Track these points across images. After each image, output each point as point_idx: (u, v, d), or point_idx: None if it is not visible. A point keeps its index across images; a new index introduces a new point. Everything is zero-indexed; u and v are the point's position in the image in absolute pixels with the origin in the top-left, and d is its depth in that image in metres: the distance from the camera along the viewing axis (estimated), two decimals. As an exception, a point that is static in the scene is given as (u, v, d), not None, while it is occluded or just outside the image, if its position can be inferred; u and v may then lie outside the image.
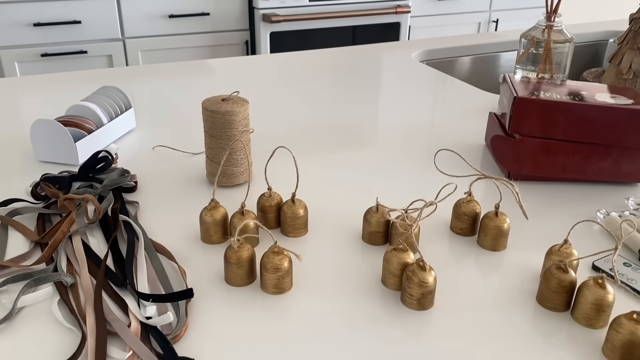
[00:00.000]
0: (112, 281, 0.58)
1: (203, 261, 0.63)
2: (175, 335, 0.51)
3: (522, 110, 0.77)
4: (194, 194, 0.77)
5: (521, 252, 0.65)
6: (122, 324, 0.52)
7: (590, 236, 0.68)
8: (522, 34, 1.07)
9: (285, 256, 0.57)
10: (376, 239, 0.66)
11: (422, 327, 0.53)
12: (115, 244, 0.63)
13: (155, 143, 0.92)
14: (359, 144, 0.93)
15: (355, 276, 0.61)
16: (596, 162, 0.78)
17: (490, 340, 0.52)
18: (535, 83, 0.85)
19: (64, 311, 0.54)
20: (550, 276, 0.55)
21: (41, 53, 2.28)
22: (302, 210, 0.67)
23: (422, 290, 0.54)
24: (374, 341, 0.52)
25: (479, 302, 0.57)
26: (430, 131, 0.99)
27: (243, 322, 0.54)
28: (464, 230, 0.67)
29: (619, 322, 0.49)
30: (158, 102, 1.11)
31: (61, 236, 0.63)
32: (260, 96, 1.16)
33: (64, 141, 0.81)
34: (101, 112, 0.88)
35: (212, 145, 0.75)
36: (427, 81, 1.26)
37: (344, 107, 1.10)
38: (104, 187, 0.72)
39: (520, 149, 0.78)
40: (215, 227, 0.65)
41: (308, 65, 1.38)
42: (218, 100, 0.75)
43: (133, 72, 1.29)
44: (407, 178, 0.82)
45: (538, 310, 0.56)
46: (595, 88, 0.83)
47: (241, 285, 0.58)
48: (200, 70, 1.32)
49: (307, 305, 0.56)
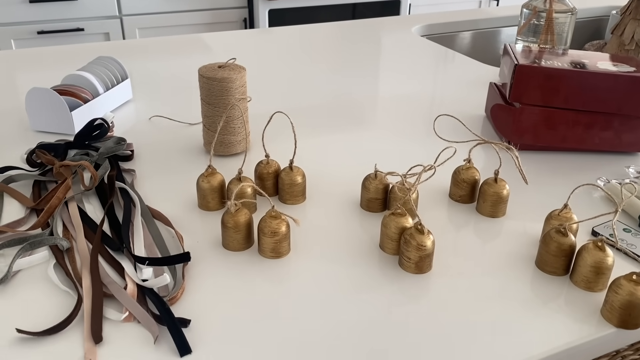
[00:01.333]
0: (108, 245, 0.57)
1: (200, 227, 0.62)
2: (171, 297, 0.50)
3: (523, 78, 0.76)
4: (191, 162, 0.76)
5: (520, 219, 0.64)
6: (119, 286, 0.51)
7: (591, 203, 0.68)
8: (524, 4, 1.05)
9: (283, 220, 0.56)
10: (374, 205, 0.65)
11: (420, 291, 0.53)
12: (111, 210, 0.63)
13: (152, 114, 0.91)
14: (358, 115, 0.92)
15: (353, 242, 0.60)
16: (597, 131, 0.77)
17: (489, 304, 0.52)
18: (536, 52, 0.84)
19: (60, 275, 0.54)
20: (549, 240, 0.55)
21: (37, 30, 2.25)
22: (300, 178, 0.66)
23: (420, 253, 0.54)
24: (372, 305, 0.52)
25: (477, 267, 0.57)
26: (430, 103, 0.98)
27: (240, 285, 0.53)
28: (463, 197, 0.67)
29: (618, 284, 0.49)
30: (155, 75, 1.10)
31: (57, 202, 0.62)
32: (259, 69, 1.15)
33: (59, 110, 0.80)
34: (97, 81, 0.87)
35: (208, 114, 0.74)
36: (428, 55, 1.25)
37: (344, 79, 1.09)
38: (100, 155, 0.71)
39: (521, 118, 0.78)
40: (213, 194, 0.64)
41: (307, 39, 1.36)
42: (215, 67, 0.74)
43: (130, 46, 1.28)
44: (407, 147, 0.81)
45: (537, 275, 0.56)
46: (598, 57, 0.82)
47: (239, 250, 0.58)
48: (197, 45, 1.30)
49: (305, 269, 0.56)
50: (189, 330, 0.48)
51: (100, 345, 0.46)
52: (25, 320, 0.49)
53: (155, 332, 0.47)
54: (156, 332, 0.47)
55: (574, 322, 0.50)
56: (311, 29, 1.45)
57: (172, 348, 0.46)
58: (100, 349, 0.46)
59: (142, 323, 0.48)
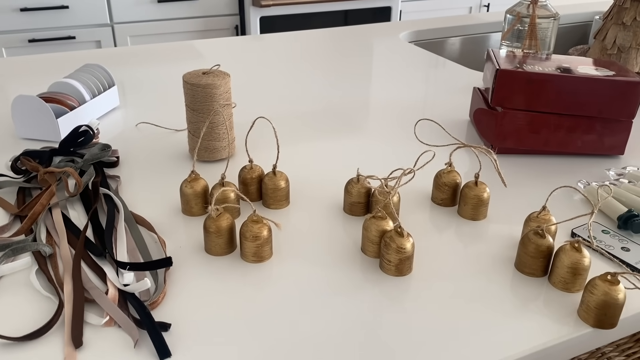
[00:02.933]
0: (91, 251, 0.57)
1: (183, 232, 0.63)
2: (152, 302, 0.51)
3: (505, 82, 0.77)
4: (176, 168, 0.77)
5: (501, 222, 0.65)
6: (100, 291, 0.52)
7: (571, 205, 0.69)
8: (508, 10, 1.06)
9: (265, 225, 0.57)
10: (357, 209, 0.66)
11: (400, 293, 0.54)
12: (95, 216, 0.63)
13: (139, 120, 0.92)
14: (345, 120, 0.93)
15: (336, 246, 0.61)
16: (579, 135, 0.78)
17: (469, 306, 0.53)
18: (519, 57, 0.85)
19: (42, 280, 0.54)
20: (527, 241, 0.55)
21: (29, 39, 2.26)
22: (283, 182, 0.67)
23: (399, 256, 0.54)
24: (353, 308, 0.52)
25: (457, 270, 0.57)
26: (416, 108, 0.99)
27: (222, 290, 0.54)
28: (445, 200, 0.68)
29: (593, 284, 0.49)
30: (144, 82, 1.10)
31: (40, 208, 0.63)
32: (249, 75, 1.16)
33: (45, 117, 0.80)
34: (84, 89, 0.88)
35: (193, 120, 0.74)
36: (415, 61, 1.26)
37: (332, 85, 1.10)
38: (84, 162, 0.71)
39: (503, 122, 0.79)
40: (196, 199, 0.65)
41: (297, 45, 1.37)
42: (199, 73, 0.74)
43: (120, 53, 1.28)
44: (392, 151, 0.82)
45: (517, 277, 0.56)
46: (579, 61, 0.83)
47: (221, 255, 0.59)
48: (188, 52, 1.31)
49: (287, 273, 0.56)
50: (169, 334, 0.48)
51: (80, 349, 0.46)
52: (6, 325, 0.49)
53: (135, 336, 0.47)
54: (136, 336, 0.47)
55: (552, 322, 0.51)
56: (302, 35, 1.46)
57: (152, 352, 0.46)
58: (81, 354, 0.46)
59: (123, 327, 0.48)
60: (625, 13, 0.96)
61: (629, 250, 0.59)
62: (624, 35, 0.97)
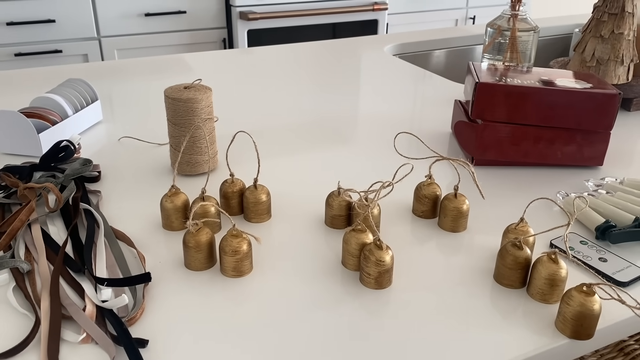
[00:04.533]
0: (70, 267, 0.57)
1: (164, 247, 0.62)
2: (130, 318, 0.51)
3: (484, 95, 0.78)
4: (158, 183, 0.76)
5: (481, 233, 0.66)
6: (77, 308, 0.51)
7: (550, 217, 0.69)
8: (488, 23, 1.08)
9: (244, 239, 0.57)
10: (338, 222, 0.66)
11: (380, 306, 0.54)
12: (75, 232, 0.63)
13: (122, 135, 0.92)
14: (328, 134, 0.94)
15: (317, 259, 0.61)
16: (559, 146, 0.79)
17: (448, 319, 0.53)
18: (500, 70, 0.86)
19: (19, 297, 0.54)
20: (505, 253, 0.56)
21: (15, 52, 2.25)
22: (264, 196, 0.67)
23: (379, 269, 0.55)
24: (333, 321, 0.52)
25: (437, 282, 0.57)
26: (399, 121, 1.00)
27: (201, 305, 0.54)
28: (425, 212, 0.68)
29: (569, 295, 0.50)
30: (129, 96, 1.10)
31: (19, 224, 0.62)
32: (234, 89, 1.16)
33: (26, 132, 0.80)
34: (66, 103, 0.88)
35: (175, 134, 0.75)
36: (399, 74, 1.27)
37: (316, 99, 1.11)
38: (65, 177, 0.71)
39: (484, 134, 0.79)
40: (176, 214, 0.65)
41: (283, 58, 1.38)
42: (180, 88, 0.74)
43: (106, 67, 1.29)
44: (374, 165, 0.83)
45: (495, 288, 0.57)
46: (559, 74, 0.85)
47: (200, 270, 0.58)
48: (176, 65, 1.31)
49: (267, 288, 0.56)
50: (147, 350, 0.48)
51: (56, 367, 0.46)
52: (-19, 344, 0.49)
53: (112, 353, 0.47)
54: (113, 353, 0.47)
55: (530, 333, 0.51)
56: (289, 48, 1.47)
57: (129, 369, 0.46)
58: (56, 372, 0.46)
59: (100, 344, 0.48)
60: (603, 26, 0.98)
61: (606, 260, 0.59)
62: (602, 48, 0.98)
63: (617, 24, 0.97)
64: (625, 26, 0.97)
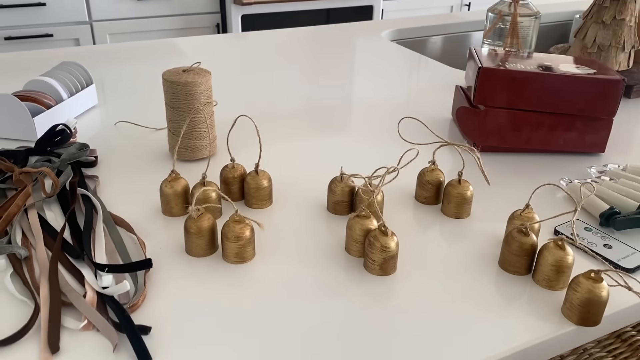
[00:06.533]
0: (68, 253, 0.56)
1: (164, 233, 0.61)
2: (132, 305, 0.50)
3: (487, 80, 0.77)
4: (156, 168, 0.75)
5: (485, 220, 0.65)
6: (78, 294, 0.50)
7: (554, 203, 0.69)
8: (489, 8, 1.07)
9: (247, 225, 0.56)
10: (341, 208, 0.65)
11: (385, 293, 0.53)
12: (72, 217, 0.61)
13: (118, 119, 0.90)
14: (328, 119, 0.93)
15: (320, 245, 0.60)
16: (561, 132, 0.79)
17: (453, 305, 0.52)
18: (501, 55, 0.85)
19: (17, 284, 0.53)
20: (511, 240, 0.55)
21: (5, 36, 2.21)
22: (266, 182, 0.66)
23: (384, 255, 0.54)
24: (337, 308, 0.51)
25: (441, 268, 0.57)
26: (399, 107, 0.99)
27: (203, 292, 0.53)
28: (428, 199, 0.67)
29: (577, 281, 0.49)
30: (124, 80, 1.08)
31: (15, 209, 0.61)
32: (230, 74, 1.14)
33: (21, 116, 0.78)
34: (61, 87, 0.86)
35: (173, 118, 0.73)
36: (397, 59, 1.26)
37: (315, 84, 1.09)
38: (62, 161, 0.70)
39: (486, 120, 0.79)
40: (176, 199, 0.64)
41: (279, 43, 1.36)
42: (179, 71, 0.73)
43: (100, 51, 1.26)
44: (376, 151, 0.82)
45: (500, 275, 0.56)
46: (561, 59, 0.84)
47: (202, 256, 0.57)
48: (169, 50, 1.29)
49: (270, 274, 0.55)
50: (149, 337, 0.47)
51: (57, 355, 0.45)
52: (-21, 331, 0.48)
53: (115, 340, 0.46)
54: (115, 340, 0.46)
55: (536, 320, 0.51)
56: (283, 33, 1.45)
57: (132, 356, 0.45)
58: (58, 359, 0.45)
59: (101, 331, 0.47)
60: (605, 12, 0.97)
61: (611, 247, 0.59)
62: (603, 34, 0.98)
63: (619, 10, 0.96)
64: (627, 12, 0.96)
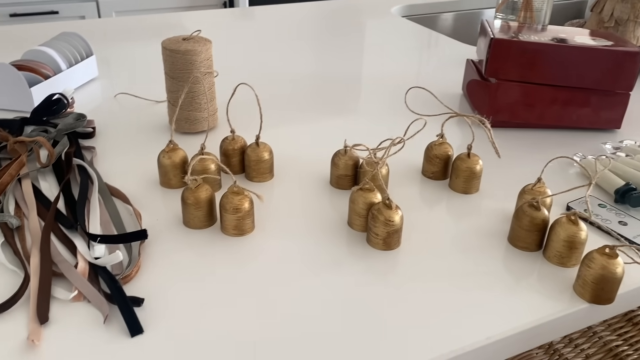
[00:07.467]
0: (62, 223, 0.54)
1: (161, 205, 0.59)
2: (125, 276, 0.48)
3: (500, 52, 0.74)
4: (155, 140, 0.73)
5: (494, 195, 0.63)
6: (69, 265, 0.49)
7: (566, 179, 0.66)
8: (503, -19, 1.03)
9: (246, 197, 0.54)
10: (344, 182, 0.63)
11: (388, 268, 0.51)
12: (67, 188, 0.60)
13: (118, 92, 0.88)
14: (334, 95, 0.90)
15: (321, 219, 0.58)
16: (575, 108, 0.76)
17: (460, 282, 0.50)
18: (514, 28, 0.81)
19: (8, 253, 0.51)
20: (522, 214, 0.53)
21: (10, 13, 2.19)
22: (267, 154, 0.64)
23: (387, 229, 0.52)
24: (338, 283, 0.49)
25: (448, 244, 0.55)
26: (408, 82, 0.96)
27: (200, 264, 0.51)
28: (436, 173, 0.65)
29: (590, 258, 0.47)
30: (125, 53, 1.06)
31: (9, 179, 0.59)
32: (233, 48, 1.12)
33: (17, 86, 0.76)
34: (59, 57, 0.83)
35: (172, 88, 0.71)
36: (407, 35, 1.22)
37: (322, 59, 1.06)
38: (58, 132, 0.68)
39: (497, 94, 0.76)
40: (174, 170, 0.61)
41: (286, 18, 1.33)
42: (179, 39, 0.70)
43: (101, 25, 1.24)
44: (382, 126, 0.79)
45: (510, 251, 0.54)
46: (576, 32, 0.80)
47: (200, 228, 0.55)
48: (172, 24, 1.26)
49: (269, 247, 0.53)
50: (142, 309, 0.45)
51: (46, 325, 0.43)
52: (-33, 300, 0.46)
53: (105, 311, 0.44)
54: (106, 311, 0.44)
55: (546, 298, 0.48)
56: (291, 8, 1.42)
57: (123, 328, 0.43)
58: (47, 330, 0.43)
59: (92, 302, 0.45)
60: (624, -16, 0.93)
61: (626, 224, 0.56)
62: (621, 8, 0.94)
63: (639, -18, 0.92)
64: (646, -16, 0.92)
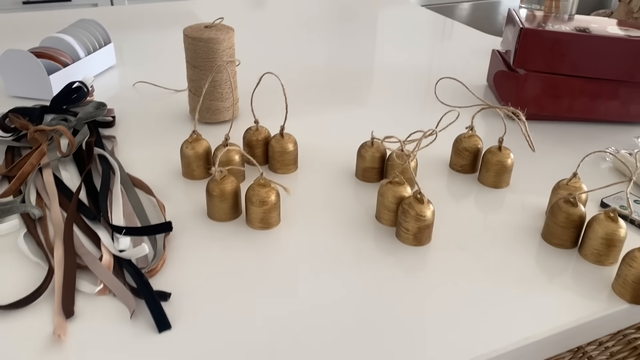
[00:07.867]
0: (84, 214, 0.53)
1: (185, 197, 0.58)
2: (151, 269, 0.47)
3: (529, 43, 0.72)
4: (176, 130, 0.72)
5: (525, 190, 0.61)
6: (94, 257, 0.48)
7: (599, 174, 0.64)
8: (528, -30, 1.00)
9: (272, 189, 0.53)
10: (371, 175, 0.61)
11: (418, 264, 0.50)
12: (89, 178, 0.58)
13: (136, 80, 0.87)
14: (355, 86, 0.88)
15: (347, 213, 0.56)
16: (604, 100, 0.74)
17: (491, 279, 0.48)
18: (541, 17, 0.79)
19: (31, 245, 0.50)
20: (558, 210, 0.51)
21: (23, 0, 2.18)
22: (291, 145, 0.62)
23: (419, 224, 0.50)
24: (367, 278, 0.48)
25: (479, 240, 0.53)
26: (430, 73, 0.94)
27: (226, 258, 0.50)
28: (465, 167, 0.63)
29: (632, 256, 0.45)
30: (143, 41, 1.04)
31: (30, 168, 0.58)
32: (252, 39, 1.10)
33: (36, 74, 0.75)
34: (78, 45, 0.82)
35: (194, 77, 0.69)
36: (427, 25, 1.20)
37: (342, 49, 1.05)
38: (78, 120, 0.67)
39: (525, 85, 0.74)
40: (197, 161, 0.60)
41: (303, 6, 1.31)
42: (201, 27, 0.69)
43: (117, 12, 1.22)
44: (405, 117, 0.77)
45: (543, 248, 0.52)
46: (606, 22, 0.78)
47: (225, 220, 0.54)
48: (188, 12, 1.25)
49: (295, 241, 0.52)
50: (168, 304, 0.44)
51: (71, 319, 0.42)
52: (-9, 293, 0.45)
53: (132, 306, 0.43)
54: (133, 306, 0.43)
55: (582, 298, 0.47)
56: (305, -3, 1.40)
57: (150, 323, 0.42)
58: (72, 324, 0.42)
59: (118, 296, 0.44)
60: (654, -27, 0.90)
61: (664, 221, 0.54)
62: (651, -2, 0.91)
63: (671, -29, 0.89)
64: (679, -27, 0.89)
